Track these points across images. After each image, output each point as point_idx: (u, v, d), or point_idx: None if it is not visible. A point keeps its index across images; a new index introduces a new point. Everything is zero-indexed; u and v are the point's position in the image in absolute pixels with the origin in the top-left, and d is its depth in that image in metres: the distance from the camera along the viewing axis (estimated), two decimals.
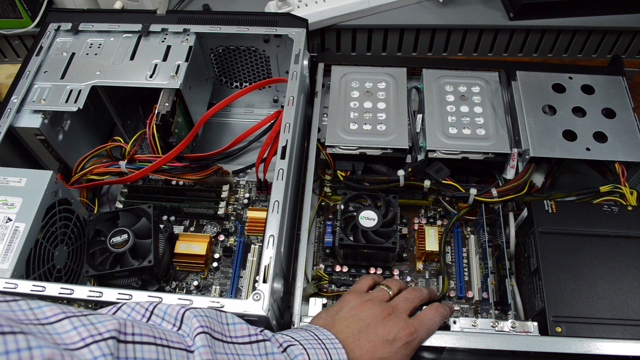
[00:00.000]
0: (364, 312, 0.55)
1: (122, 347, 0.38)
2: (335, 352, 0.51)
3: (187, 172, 0.78)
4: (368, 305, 0.56)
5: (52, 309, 0.37)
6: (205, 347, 0.42)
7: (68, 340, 0.35)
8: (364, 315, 0.55)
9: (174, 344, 0.41)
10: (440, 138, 0.77)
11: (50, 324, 0.36)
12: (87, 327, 0.37)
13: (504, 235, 0.71)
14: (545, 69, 0.84)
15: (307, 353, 0.49)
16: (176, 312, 0.45)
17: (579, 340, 0.57)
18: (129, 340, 0.38)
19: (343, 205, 0.75)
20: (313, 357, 0.49)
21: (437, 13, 1.00)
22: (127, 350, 0.38)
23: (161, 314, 0.45)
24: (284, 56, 0.87)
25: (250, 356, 0.46)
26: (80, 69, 0.79)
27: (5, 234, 0.60)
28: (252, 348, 0.47)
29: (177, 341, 0.42)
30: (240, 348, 0.46)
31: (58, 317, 0.36)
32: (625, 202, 0.71)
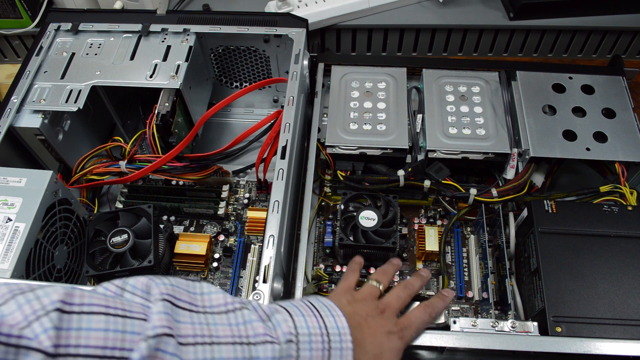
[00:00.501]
0: (359, 306, 0.55)
1: (65, 318, 0.36)
2: (332, 320, 0.48)
3: (187, 172, 0.78)
4: (361, 302, 0.56)
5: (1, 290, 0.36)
6: (161, 313, 0.40)
7: (13, 322, 0.35)
8: (361, 306, 0.55)
9: (132, 313, 0.39)
10: (440, 138, 0.77)
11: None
12: (32, 302, 0.36)
13: (504, 235, 0.71)
14: (545, 69, 0.84)
15: (292, 320, 0.46)
16: (141, 284, 0.43)
17: (579, 340, 0.57)
18: (74, 311, 0.37)
19: (343, 205, 0.75)
20: (300, 324, 0.46)
21: (437, 13, 1.00)
22: (71, 321, 0.36)
23: (130, 288, 0.43)
24: (284, 56, 0.87)
25: (224, 325, 0.43)
26: (80, 69, 0.79)
27: (5, 234, 0.60)
28: (229, 317, 0.44)
29: (137, 311, 0.40)
30: (213, 317, 0.43)
31: (5, 297, 0.36)
32: (625, 202, 0.71)
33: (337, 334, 0.47)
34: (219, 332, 0.42)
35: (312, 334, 0.46)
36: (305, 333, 0.46)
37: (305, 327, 0.46)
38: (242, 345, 0.42)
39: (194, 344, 0.40)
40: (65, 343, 0.35)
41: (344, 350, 0.47)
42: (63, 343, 0.35)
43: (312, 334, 0.46)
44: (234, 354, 0.41)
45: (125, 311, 0.39)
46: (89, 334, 0.36)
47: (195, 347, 0.40)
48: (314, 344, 0.45)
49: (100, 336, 0.37)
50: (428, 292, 0.75)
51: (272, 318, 0.46)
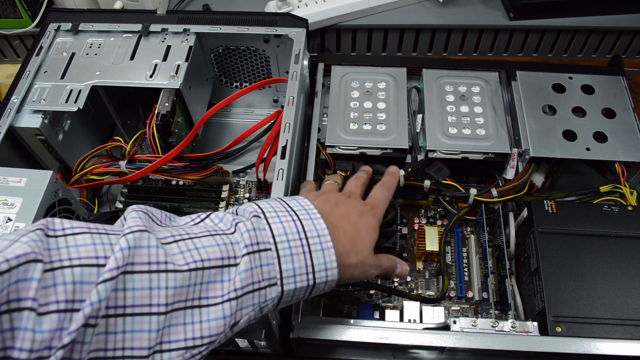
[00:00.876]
0: (327, 196, 0.57)
1: (52, 241, 0.38)
2: (296, 202, 0.50)
3: (187, 172, 0.78)
4: (327, 193, 0.58)
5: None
6: (135, 218, 0.42)
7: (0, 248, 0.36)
8: (329, 196, 0.57)
9: (113, 231, 0.41)
10: (440, 138, 0.77)
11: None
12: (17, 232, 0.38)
13: (504, 235, 0.71)
14: (545, 69, 0.84)
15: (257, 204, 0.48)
16: (121, 218, 0.45)
17: (579, 340, 0.57)
18: (59, 235, 0.38)
19: None
20: (264, 205, 0.48)
21: (437, 13, 1.00)
22: (59, 242, 0.38)
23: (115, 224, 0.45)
24: (284, 56, 0.87)
25: (197, 227, 0.45)
26: (80, 69, 0.79)
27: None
28: (199, 226, 0.46)
29: (118, 230, 0.42)
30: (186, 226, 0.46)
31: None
32: (625, 202, 0.71)
33: (301, 209, 0.49)
34: (195, 230, 0.44)
35: (277, 209, 0.48)
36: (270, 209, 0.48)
37: (269, 207, 0.48)
38: (219, 235, 0.44)
39: (175, 241, 0.43)
40: (57, 258, 0.37)
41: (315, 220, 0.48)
42: (56, 259, 0.37)
43: (277, 210, 0.48)
44: (214, 241, 0.43)
45: (107, 230, 0.41)
46: (78, 249, 0.38)
47: (177, 243, 0.42)
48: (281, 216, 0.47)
49: (90, 249, 0.38)
50: (428, 292, 0.75)
51: (238, 210, 0.49)
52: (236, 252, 0.44)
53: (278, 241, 0.45)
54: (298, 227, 0.47)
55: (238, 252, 0.44)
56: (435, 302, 0.73)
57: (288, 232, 0.46)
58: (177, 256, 0.41)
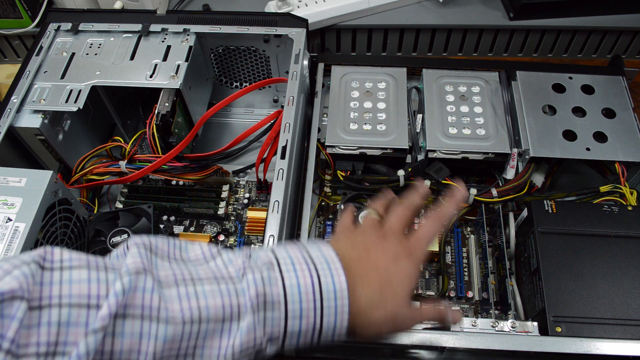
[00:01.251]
0: (359, 238, 0.49)
1: (46, 274, 0.36)
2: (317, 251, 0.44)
3: (187, 172, 0.78)
4: (361, 234, 0.50)
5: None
6: (134, 256, 0.38)
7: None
8: (360, 240, 0.49)
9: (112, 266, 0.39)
10: (440, 138, 0.77)
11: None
12: (12, 261, 0.35)
13: (504, 235, 0.71)
14: (545, 69, 0.84)
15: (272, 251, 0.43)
16: (122, 247, 0.42)
17: (579, 340, 0.57)
18: (55, 267, 0.36)
19: (343, 205, 0.75)
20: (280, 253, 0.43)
21: (437, 13, 1.00)
22: (53, 276, 0.36)
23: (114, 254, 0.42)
24: (284, 56, 0.87)
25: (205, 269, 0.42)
26: (80, 69, 0.79)
27: (5, 234, 0.60)
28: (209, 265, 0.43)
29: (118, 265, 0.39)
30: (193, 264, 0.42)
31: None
32: (625, 202, 0.71)
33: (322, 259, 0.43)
34: (200, 273, 0.41)
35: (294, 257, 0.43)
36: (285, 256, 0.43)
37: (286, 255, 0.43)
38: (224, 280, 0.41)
39: (175, 283, 0.39)
40: (48, 294, 0.35)
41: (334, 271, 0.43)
42: (46, 294, 0.35)
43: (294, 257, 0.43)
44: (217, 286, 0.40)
45: (106, 265, 0.38)
46: (72, 285, 0.36)
47: (177, 287, 0.39)
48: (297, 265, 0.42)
49: (84, 286, 0.36)
50: (428, 292, 0.75)
51: (252, 254, 0.44)
52: (240, 304, 0.40)
53: (289, 300, 0.41)
54: (314, 284, 0.41)
55: (242, 305, 0.40)
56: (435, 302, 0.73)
57: (302, 291, 0.41)
58: (174, 303, 0.38)
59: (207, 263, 0.43)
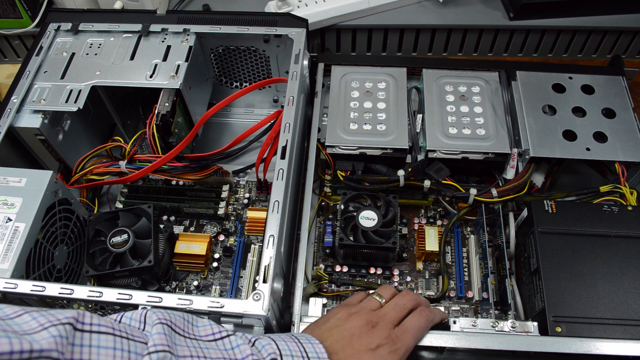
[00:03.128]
0: (350, 324, 0.55)
1: (78, 335, 0.38)
2: (311, 347, 0.50)
3: (187, 172, 0.78)
4: (354, 317, 0.56)
5: (12, 308, 0.39)
6: (160, 334, 0.43)
7: (27, 327, 0.37)
8: (349, 326, 0.55)
9: (134, 337, 0.42)
10: (440, 138, 0.77)
11: (10, 318, 0.38)
12: (46, 316, 0.38)
13: (504, 235, 0.71)
14: (545, 69, 0.84)
15: (276, 343, 0.49)
16: (139, 315, 0.46)
17: (579, 340, 0.57)
18: (86, 330, 0.39)
19: (343, 205, 0.75)
20: (283, 346, 0.48)
21: (437, 13, 1.00)
22: (84, 338, 0.38)
23: (127, 320, 0.46)
24: (284, 56, 0.87)
25: (215, 350, 0.46)
26: (80, 69, 0.79)
27: (5, 234, 0.60)
28: (217, 344, 0.47)
29: (138, 335, 0.42)
30: (205, 344, 0.47)
31: (17, 313, 0.38)
32: (625, 202, 0.71)
33: (315, 357, 0.49)
34: (212, 355, 0.45)
35: (294, 355, 0.48)
36: (288, 354, 0.48)
37: (287, 349, 0.49)
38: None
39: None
40: (78, 357, 0.37)
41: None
42: (77, 357, 0.37)
43: (294, 356, 0.48)
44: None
45: (129, 334, 0.42)
46: (99, 350, 0.39)
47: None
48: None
49: (110, 354, 0.39)
50: (428, 292, 0.75)
51: (256, 343, 0.49)
52: None
53: None
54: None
55: None
56: (435, 302, 0.73)
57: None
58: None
59: (215, 342, 0.48)
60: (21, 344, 0.34)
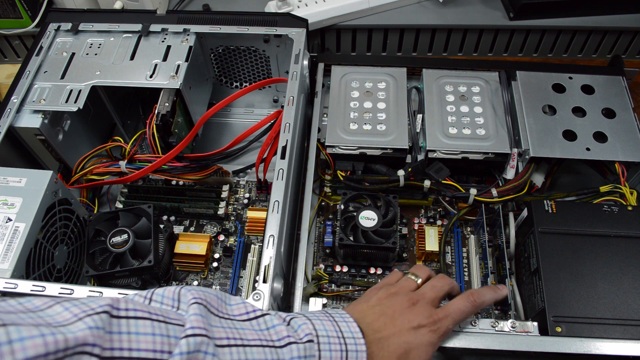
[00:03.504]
0: (390, 301, 0.55)
1: (115, 322, 0.37)
2: (346, 325, 0.49)
3: (187, 172, 0.78)
4: (394, 296, 0.56)
5: (42, 299, 0.37)
6: (197, 315, 0.41)
7: (60, 319, 0.35)
8: (390, 303, 0.55)
9: (171, 320, 0.41)
10: (440, 138, 0.77)
11: (41, 310, 0.36)
12: (79, 306, 0.37)
13: (504, 235, 0.71)
14: (545, 69, 0.84)
15: (311, 323, 0.48)
16: (172, 292, 0.45)
17: (579, 340, 0.57)
18: (122, 316, 0.38)
19: (343, 205, 0.75)
20: (319, 327, 0.48)
21: (437, 13, 1.00)
22: (121, 325, 0.37)
23: (159, 298, 0.45)
24: (284, 56, 0.87)
25: (250, 331, 0.45)
26: (80, 69, 0.79)
27: (5, 234, 0.60)
28: (252, 324, 0.46)
29: (174, 317, 0.41)
30: (240, 324, 0.46)
31: (48, 304, 0.37)
32: (625, 202, 0.71)
33: (351, 337, 0.49)
34: (247, 336, 0.44)
35: (330, 336, 0.48)
36: (324, 335, 0.47)
37: (323, 329, 0.48)
38: (270, 348, 0.44)
39: (228, 345, 0.42)
40: (118, 346, 0.36)
41: (359, 353, 0.48)
42: (117, 346, 0.36)
43: (330, 336, 0.47)
44: (264, 356, 0.43)
45: (165, 317, 0.41)
46: (138, 337, 0.38)
47: (230, 349, 0.42)
48: (332, 345, 0.47)
49: (149, 340, 0.38)
50: None
51: (291, 322, 0.48)
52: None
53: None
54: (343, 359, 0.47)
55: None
56: None
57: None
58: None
59: (249, 322, 0.47)
60: (56, 342, 0.32)
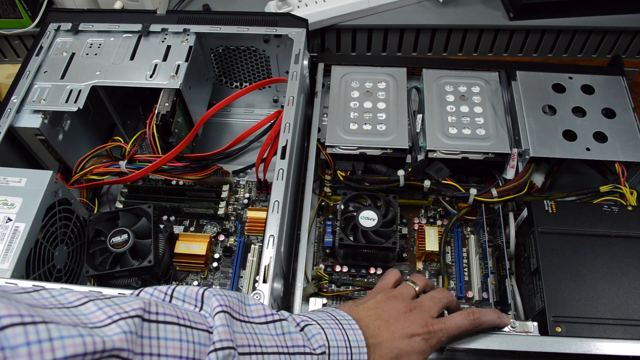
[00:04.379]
0: (388, 306, 0.55)
1: (146, 326, 0.37)
2: (353, 333, 0.51)
3: (187, 172, 0.78)
4: (392, 300, 0.56)
5: (75, 294, 0.37)
6: (224, 326, 0.42)
7: (95, 319, 0.35)
8: (387, 308, 0.55)
9: (196, 324, 0.41)
10: (440, 138, 0.77)
11: (74, 307, 0.36)
12: (113, 307, 0.37)
13: (504, 235, 0.71)
14: (545, 69, 0.84)
15: (324, 332, 0.49)
16: (195, 293, 0.45)
17: (579, 340, 0.57)
18: (152, 320, 0.38)
19: (343, 205, 0.75)
20: (330, 337, 0.49)
21: (437, 13, 1.00)
22: (151, 330, 0.38)
23: (181, 296, 0.45)
24: (284, 56, 0.87)
25: (268, 335, 0.46)
26: (80, 69, 0.79)
27: (5, 234, 0.60)
28: (269, 328, 0.47)
29: (199, 322, 0.42)
30: (258, 327, 0.46)
31: (81, 301, 0.36)
32: (625, 202, 0.71)
33: (357, 346, 0.50)
34: (266, 342, 0.45)
35: (340, 346, 0.49)
36: (335, 345, 0.48)
37: (334, 339, 0.49)
38: (286, 355, 0.45)
39: (249, 353, 0.43)
40: (148, 351, 0.37)
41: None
42: (147, 351, 0.36)
43: (340, 347, 0.49)
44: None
45: (191, 322, 0.41)
46: (167, 343, 0.38)
47: (250, 357, 0.43)
48: (340, 355, 0.48)
49: (177, 346, 0.38)
50: None
51: (305, 329, 0.49)
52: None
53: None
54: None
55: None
56: None
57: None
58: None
59: (267, 325, 0.47)
60: (94, 343, 0.32)
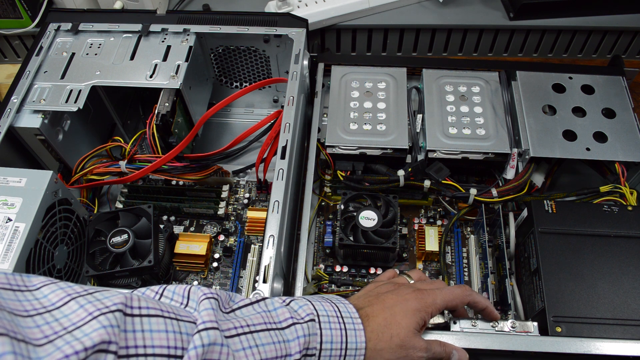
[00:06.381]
0: (377, 289, 0.57)
1: (129, 320, 0.38)
2: (344, 307, 0.52)
3: (187, 172, 0.78)
4: (382, 285, 0.58)
5: (57, 294, 0.38)
6: (208, 309, 0.43)
7: (76, 319, 0.36)
8: (376, 289, 0.57)
9: (182, 317, 0.42)
10: (440, 138, 0.77)
11: (57, 308, 0.37)
12: (94, 303, 0.37)
13: (504, 235, 0.71)
14: (545, 69, 0.84)
15: (312, 304, 0.50)
16: (182, 290, 0.46)
17: (579, 340, 0.57)
18: (135, 314, 0.39)
19: (343, 205, 0.75)
20: (319, 307, 0.50)
21: (437, 13, 1.00)
22: (135, 324, 0.38)
23: (170, 294, 0.46)
24: (284, 56, 0.87)
25: (254, 314, 0.47)
26: (80, 69, 0.79)
27: (5, 234, 0.60)
28: (254, 307, 0.48)
29: (185, 315, 0.42)
30: (242, 311, 0.47)
31: (64, 300, 0.37)
32: (625, 202, 0.71)
33: (349, 316, 0.51)
34: (253, 321, 0.46)
35: (330, 315, 0.50)
36: (324, 314, 0.50)
37: (323, 309, 0.50)
38: (275, 331, 0.46)
39: (237, 334, 0.44)
40: (133, 344, 0.37)
41: (357, 332, 0.50)
42: (132, 344, 0.37)
43: (330, 315, 0.50)
44: (271, 339, 0.45)
45: (176, 315, 0.42)
46: (152, 335, 0.39)
47: (239, 338, 0.44)
48: (332, 323, 0.49)
49: (163, 337, 0.39)
50: None
51: (291, 303, 0.50)
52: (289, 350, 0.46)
53: (324, 348, 0.49)
54: (342, 337, 0.49)
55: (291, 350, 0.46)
56: None
57: (334, 341, 0.49)
58: (239, 353, 0.43)
59: (252, 305, 0.49)
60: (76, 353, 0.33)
